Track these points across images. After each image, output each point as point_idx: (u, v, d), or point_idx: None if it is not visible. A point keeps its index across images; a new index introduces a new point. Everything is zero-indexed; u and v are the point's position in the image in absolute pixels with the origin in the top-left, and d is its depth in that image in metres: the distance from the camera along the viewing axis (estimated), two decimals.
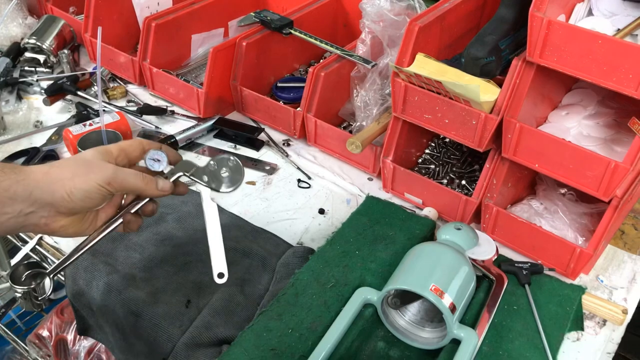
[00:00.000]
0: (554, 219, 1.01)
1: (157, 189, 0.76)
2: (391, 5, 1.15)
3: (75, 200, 0.70)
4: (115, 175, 0.72)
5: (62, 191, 0.70)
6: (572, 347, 0.86)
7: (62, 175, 0.70)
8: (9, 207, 0.68)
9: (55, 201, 0.70)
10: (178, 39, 1.39)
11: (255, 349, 0.78)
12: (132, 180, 0.74)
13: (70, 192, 0.70)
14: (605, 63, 0.77)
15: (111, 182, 0.72)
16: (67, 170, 0.71)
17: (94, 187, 0.71)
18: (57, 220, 0.72)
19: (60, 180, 0.70)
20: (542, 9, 0.79)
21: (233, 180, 0.77)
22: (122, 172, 0.73)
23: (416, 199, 1.10)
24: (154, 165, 0.76)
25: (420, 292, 0.77)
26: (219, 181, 0.77)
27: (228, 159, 0.78)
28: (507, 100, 0.89)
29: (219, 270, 0.79)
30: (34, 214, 0.70)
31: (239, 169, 0.78)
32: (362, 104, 1.18)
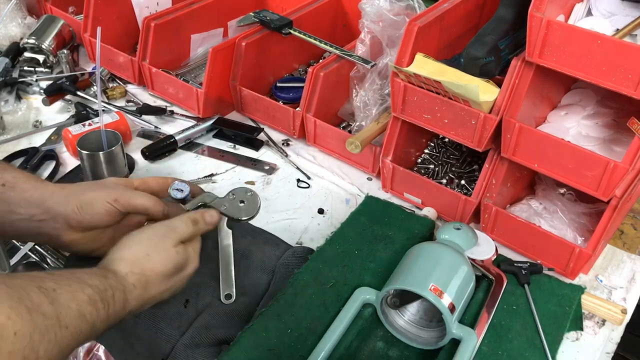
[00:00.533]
0: (553, 218, 1.01)
1: (163, 212, 0.80)
2: (390, 5, 1.15)
3: (84, 214, 0.73)
4: (123, 193, 0.75)
5: (73, 204, 0.73)
6: (571, 347, 0.87)
7: (75, 190, 0.75)
8: (23, 208, 0.71)
9: (66, 213, 0.72)
10: (177, 39, 1.39)
11: (254, 349, 0.78)
12: (139, 198, 0.77)
13: (80, 205, 0.73)
14: (604, 63, 0.77)
15: (118, 199, 0.75)
16: (81, 187, 0.76)
17: (100, 201, 0.74)
18: (68, 234, 0.74)
19: (73, 194, 0.74)
20: (541, 9, 0.79)
21: (249, 210, 0.83)
22: (131, 191, 0.77)
23: (415, 199, 1.10)
24: (177, 195, 0.81)
25: (420, 292, 0.77)
26: (237, 211, 0.83)
27: (246, 191, 0.84)
28: (507, 100, 0.89)
29: (226, 292, 0.86)
30: (46, 222, 0.72)
31: (255, 200, 0.84)
32: (361, 104, 1.18)
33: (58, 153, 1.21)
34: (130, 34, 1.48)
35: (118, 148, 1.10)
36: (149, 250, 0.72)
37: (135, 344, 0.89)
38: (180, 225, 0.76)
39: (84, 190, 0.75)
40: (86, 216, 0.74)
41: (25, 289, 0.52)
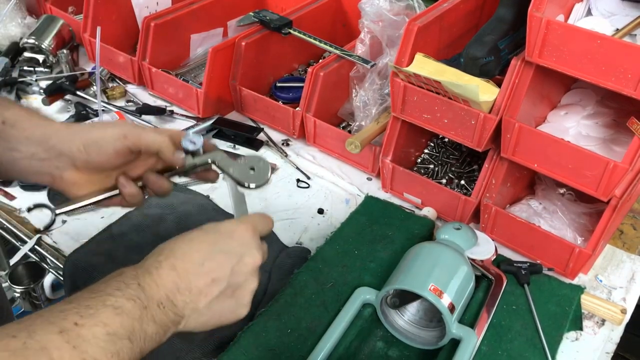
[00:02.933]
0: (553, 218, 1.01)
1: (174, 155, 0.72)
2: (390, 5, 1.15)
3: (90, 153, 0.68)
4: (132, 130, 0.70)
5: (78, 142, 0.68)
6: (571, 347, 0.87)
7: (81, 129, 0.70)
8: (24, 146, 0.67)
9: (71, 152, 0.68)
10: (177, 39, 1.39)
11: (254, 349, 0.78)
12: (150, 134, 0.70)
13: (86, 143, 0.68)
14: (604, 63, 0.77)
15: (127, 135, 0.69)
16: (88, 125, 0.71)
17: (108, 139, 0.68)
18: (72, 175, 0.70)
19: (78, 132, 0.69)
20: (541, 9, 0.79)
21: (257, 178, 0.77)
22: (142, 128, 0.71)
23: (415, 199, 1.10)
24: (188, 146, 0.75)
25: (419, 292, 0.77)
26: (245, 177, 0.76)
27: (259, 159, 0.78)
28: (506, 100, 0.89)
29: None
30: (49, 161, 0.68)
31: (265, 169, 0.77)
32: (361, 104, 1.18)
33: None
34: (130, 34, 1.48)
35: None
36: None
37: None
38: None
39: (91, 128, 0.70)
40: (93, 155, 0.68)
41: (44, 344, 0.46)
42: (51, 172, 0.69)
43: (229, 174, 0.76)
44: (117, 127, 0.70)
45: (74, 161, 0.69)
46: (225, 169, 0.77)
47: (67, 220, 1.06)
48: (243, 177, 0.76)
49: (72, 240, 1.02)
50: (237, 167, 0.77)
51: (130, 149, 0.70)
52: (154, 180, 0.73)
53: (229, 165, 0.77)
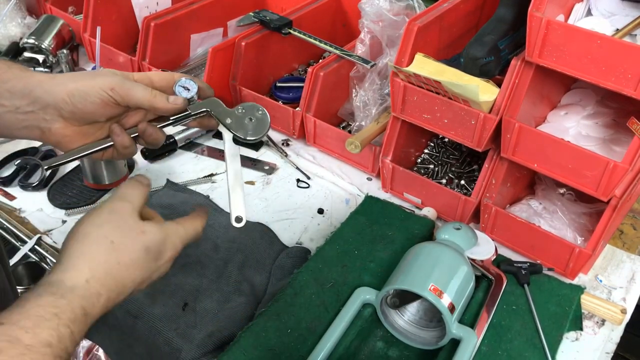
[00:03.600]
0: (553, 218, 1.01)
1: (168, 102, 0.69)
2: (390, 5, 1.15)
3: (76, 104, 0.65)
4: (121, 83, 0.67)
5: (63, 92, 0.65)
6: (571, 347, 0.87)
7: (67, 78, 0.67)
8: (7, 100, 0.65)
9: (56, 103, 0.65)
10: (177, 39, 1.39)
11: (254, 349, 0.78)
12: (139, 90, 0.67)
13: (71, 93, 0.65)
14: (604, 63, 0.77)
15: (115, 88, 0.66)
16: (74, 75, 0.68)
17: (95, 89, 0.66)
18: (60, 128, 0.67)
19: (63, 83, 0.66)
20: (541, 9, 0.79)
21: (256, 130, 0.73)
22: (129, 82, 0.68)
23: (415, 199, 1.10)
24: (182, 93, 0.71)
25: (419, 292, 0.77)
26: (242, 128, 0.73)
27: (257, 108, 0.73)
28: (506, 100, 0.89)
29: (237, 214, 0.73)
30: (35, 114, 0.66)
31: (264, 121, 0.73)
32: (361, 104, 1.18)
33: (57, 153, 1.21)
34: (130, 34, 1.48)
35: None
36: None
37: (133, 346, 0.89)
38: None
39: (77, 78, 0.66)
40: (79, 105, 0.65)
41: None
42: (39, 125, 0.67)
43: (225, 124, 0.72)
44: (106, 78, 0.67)
45: (61, 112, 0.66)
46: (221, 119, 0.72)
47: (67, 220, 1.07)
48: (240, 128, 0.72)
49: None
50: (234, 117, 0.72)
51: (117, 101, 0.67)
52: (149, 132, 0.70)
53: (225, 114, 0.73)
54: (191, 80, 0.71)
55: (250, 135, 0.72)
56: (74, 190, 1.12)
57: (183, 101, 0.70)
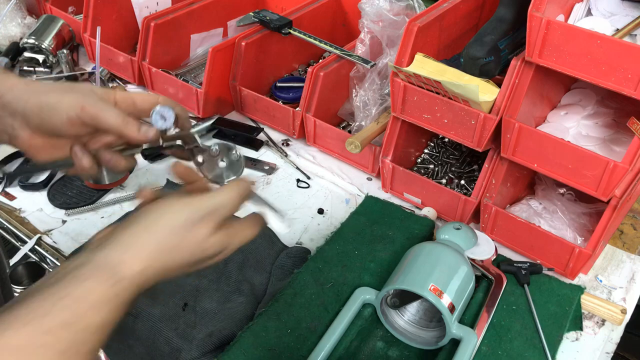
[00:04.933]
0: (553, 218, 1.01)
1: (139, 132, 0.65)
2: (390, 5, 1.15)
3: (43, 117, 0.63)
4: (92, 103, 0.63)
5: (32, 103, 0.63)
6: (571, 347, 0.87)
7: (39, 89, 0.64)
8: None
9: (24, 112, 0.63)
10: (177, 39, 1.39)
11: (254, 349, 0.78)
12: (110, 115, 0.64)
13: (40, 106, 0.63)
14: (604, 63, 0.77)
15: (85, 107, 0.63)
16: (48, 87, 0.65)
17: (63, 106, 0.63)
18: (28, 137, 0.65)
19: (35, 92, 0.64)
20: (541, 9, 0.79)
21: (227, 175, 0.69)
22: (102, 103, 0.64)
23: (415, 199, 1.10)
24: (157, 122, 0.67)
25: (419, 292, 0.77)
26: (212, 169, 0.69)
27: (233, 150, 0.69)
28: (506, 100, 0.89)
29: None
30: (3, 119, 0.64)
31: (238, 166, 0.69)
32: (361, 104, 1.18)
33: None
34: (130, 34, 1.48)
35: None
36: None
37: (133, 346, 0.89)
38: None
39: (50, 90, 0.64)
40: (46, 119, 0.63)
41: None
42: (6, 130, 0.65)
43: (197, 163, 0.69)
44: (78, 96, 0.64)
45: (28, 122, 0.64)
46: (193, 156, 0.69)
47: (67, 220, 1.07)
48: (211, 170, 0.69)
49: (72, 240, 1.02)
50: (207, 156, 0.69)
51: (85, 122, 0.64)
52: (107, 158, 0.68)
53: (197, 152, 0.69)
54: (170, 110, 0.68)
55: (218, 179, 0.69)
56: (74, 190, 1.12)
57: (155, 134, 0.67)
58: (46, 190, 1.12)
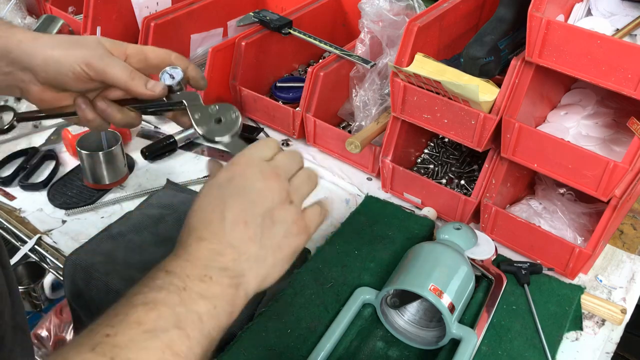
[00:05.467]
0: (553, 218, 1.01)
1: (146, 88, 0.65)
2: (390, 5, 1.15)
3: (49, 72, 0.63)
4: (99, 58, 0.63)
5: (40, 57, 0.63)
6: (571, 347, 0.87)
7: (46, 43, 0.64)
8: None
9: (32, 67, 0.63)
10: (177, 39, 1.39)
11: (254, 349, 0.78)
12: (117, 69, 0.64)
13: (46, 61, 0.63)
14: (604, 63, 0.77)
15: (91, 63, 0.63)
16: (55, 41, 0.64)
17: (69, 61, 0.63)
18: (37, 91, 0.65)
19: (42, 47, 0.63)
20: (541, 9, 0.79)
21: (221, 131, 0.68)
22: (108, 57, 0.64)
23: (415, 199, 1.10)
24: (166, 80, 0.68)
25: (419, 292, 0.77)
26: (207, 125, 0.68)
27: (233, 110, 0.68)
28: (506, 100, 0.89)
29: None
30: (13, 75, 0.64)
31: (234, 124, 0.68)
32: (361, 104, 1.18)
33: (58, 153, 1.21)
34: (130, 34, 1.48)
35: (118, 148, 1.10)
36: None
37: None
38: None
39: (57, 44, 0.63)
40: (51, 74, 0.63)
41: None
42: (18, 85, 0.65)
43: (193, 118, 0.68)
44: (84, 51, 0.63)
45: (36, 76, 0.64)
46: (191, 112, 0.68)
47: (67, 220, 1.07)
48: (204, 124, 0.68)
49: (72, 240, 1.02)
50: (205, 113, 0.68)
51: (92, 77, 0.64)
52: (102, 108, 0.67)
53: (197, 109, 0.69)
54: (179, 70, 0.68)
55: (210, 134, 0.68)
56: (74, 190, 1.12)
57: (161, 90, 0.67)
58: (46, 190, 1.12)
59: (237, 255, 0.52)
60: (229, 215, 0.53)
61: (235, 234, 0.53)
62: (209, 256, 0.51)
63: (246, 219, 0.53)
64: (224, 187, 0.56)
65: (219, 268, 0.51)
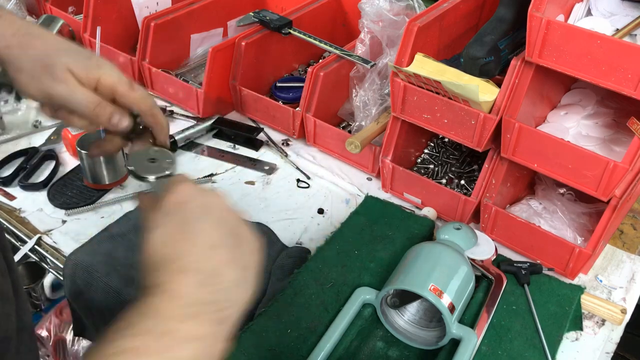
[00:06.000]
0: (553, 218, 1.01)
1: (108, 122, 0.64)
2: (390, 5, 1.15)
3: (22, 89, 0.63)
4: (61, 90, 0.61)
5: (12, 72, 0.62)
6: (571, 347, 0.87)
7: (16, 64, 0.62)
8: None
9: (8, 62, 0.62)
10: (177, 39, 1.39)
11: (254, 349, 0.78)
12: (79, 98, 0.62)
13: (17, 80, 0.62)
14: (604, 63, 0.77)
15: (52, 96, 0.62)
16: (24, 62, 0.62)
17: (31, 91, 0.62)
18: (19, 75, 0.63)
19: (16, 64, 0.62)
20: (541, 9, 0.79)
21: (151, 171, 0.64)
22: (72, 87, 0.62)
23: (415, 199, 1.10)
24: None
25: (419, 292, 0.77)
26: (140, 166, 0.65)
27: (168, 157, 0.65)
28: (506, 100, 0.89)
29: None
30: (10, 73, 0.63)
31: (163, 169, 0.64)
32: (361, 104, 1.18)
33: (58, 153, 1.21)
34: (130, 34, 1.48)
35: None
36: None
37: None
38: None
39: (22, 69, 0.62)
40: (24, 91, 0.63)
41: None
42: None
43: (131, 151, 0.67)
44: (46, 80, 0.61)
45: None
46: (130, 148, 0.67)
47: (67, 220, 1.07)
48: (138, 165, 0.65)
49: (72, 240, 1.02)
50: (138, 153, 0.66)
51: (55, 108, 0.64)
52: None
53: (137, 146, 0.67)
54: None
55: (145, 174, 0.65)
56: (74, 190, 1.12)
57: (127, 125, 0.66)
58: (46, 190, 1.12)
59: (217, 283, 0.47)
60: (200, 240, 0.49)
61: (210, 261, 0.48)
62: (195, 290, 0.46)
63: (212, 243, 0.49)
64: (180, 213, 0.51)
65: (207, 302, 0.46)
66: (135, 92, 0.66)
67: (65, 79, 0.62)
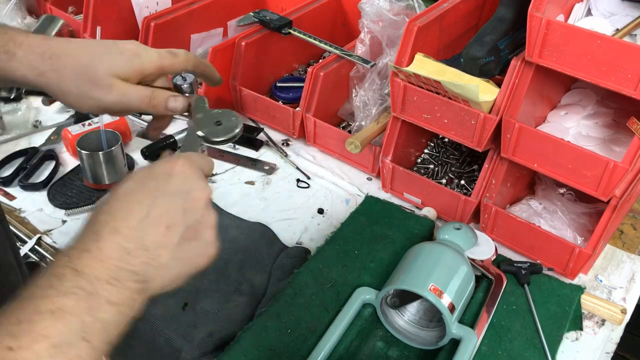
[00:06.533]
0: (553, 218, 1.01)
1: (165, 109, 0.65)
2: (390, 5, 1.15)
3: None
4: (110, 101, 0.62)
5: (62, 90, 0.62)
6: (571, 347, 0.86)
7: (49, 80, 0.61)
8: None
9: None
10: (177, 39, 1.39)
11: (254, 349, 0.78)
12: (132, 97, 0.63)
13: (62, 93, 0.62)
14: (604, 63, 0.77)
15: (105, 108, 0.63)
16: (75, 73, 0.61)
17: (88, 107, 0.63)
18: None
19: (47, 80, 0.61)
20: (541, 9, 0.79)
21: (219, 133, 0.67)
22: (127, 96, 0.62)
23: (415, 199, 1.10)
24: (177, 80, 0.70)
25: (419, 292, 0.77)
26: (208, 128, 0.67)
27: (233, 117, 0.68)
28: (506, 100, 0.89)
29: None
30: None
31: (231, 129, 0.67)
32: (361, 104, 1.18)
33: (58, 153, 1.21)
34: (130, 34, 1.48)
35: (118, 148, 1.10)
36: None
37: (134, 346, 0.89)
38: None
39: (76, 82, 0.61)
40: None
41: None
42: None
43: (196, 119, 0.68)
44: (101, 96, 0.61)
45: None
46: (194, 113, 0.69)
47: (67, 220, 1.07)
48: (207, 128, 0.67)
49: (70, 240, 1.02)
50: (206, 116, 0.68)
51: None
52: None
53: (199, 111, 0.69)
54: (192, 75, 0.70)
55: (213, 137, 0.67)
56: (74, 190, 1.12)
57: (182, 107, 0.67)
58: (46, 190, 1.12)
59: (147, 259, 0.49)
60: (154, 213, 0.50)
61: (151, 236, 0.49)
62: (121, 256, 0.47)
63: (169, 223, 0.50)
64: (160, 181, 0.52)
65: (128, 271, 0.47)
66: (178, 57, 0.68)
67: (112, 85, 0.62)
